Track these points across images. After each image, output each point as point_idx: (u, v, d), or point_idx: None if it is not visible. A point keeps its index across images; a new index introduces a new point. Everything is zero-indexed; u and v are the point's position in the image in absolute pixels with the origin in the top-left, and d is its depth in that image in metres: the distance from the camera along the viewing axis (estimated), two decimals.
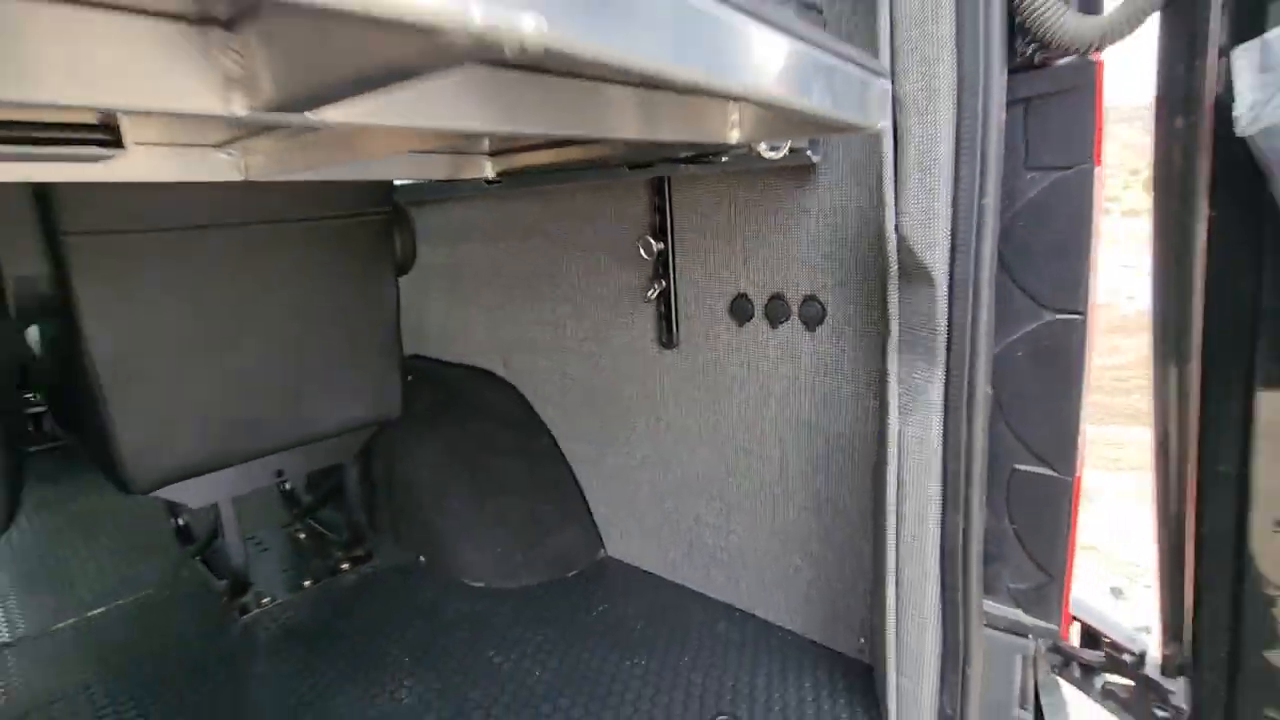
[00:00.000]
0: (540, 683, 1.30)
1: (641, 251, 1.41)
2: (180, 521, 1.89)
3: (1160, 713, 0.96)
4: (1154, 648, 0.99)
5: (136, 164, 0.91)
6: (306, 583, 1.71)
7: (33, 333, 1.66)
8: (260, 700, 1.31)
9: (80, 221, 1.14)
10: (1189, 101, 0.78)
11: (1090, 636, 1.06)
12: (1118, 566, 3.53)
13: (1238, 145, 0.71)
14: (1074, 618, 1.07)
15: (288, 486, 2.08)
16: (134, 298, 1.23)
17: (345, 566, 1.78)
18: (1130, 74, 1.05)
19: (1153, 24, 0.81)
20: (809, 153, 1.11)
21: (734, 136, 0.88)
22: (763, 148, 0.99)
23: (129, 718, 1.26)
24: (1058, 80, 0.88)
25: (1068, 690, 1.10)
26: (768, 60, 0.62)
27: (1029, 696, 1.04)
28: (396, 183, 1.81)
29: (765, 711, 1.20)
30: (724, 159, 1.13)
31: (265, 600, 1.64)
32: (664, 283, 1.43)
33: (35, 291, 1.15)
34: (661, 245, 1.41)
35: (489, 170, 1.41)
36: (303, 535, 1.98)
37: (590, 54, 0.35)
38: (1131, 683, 1.00)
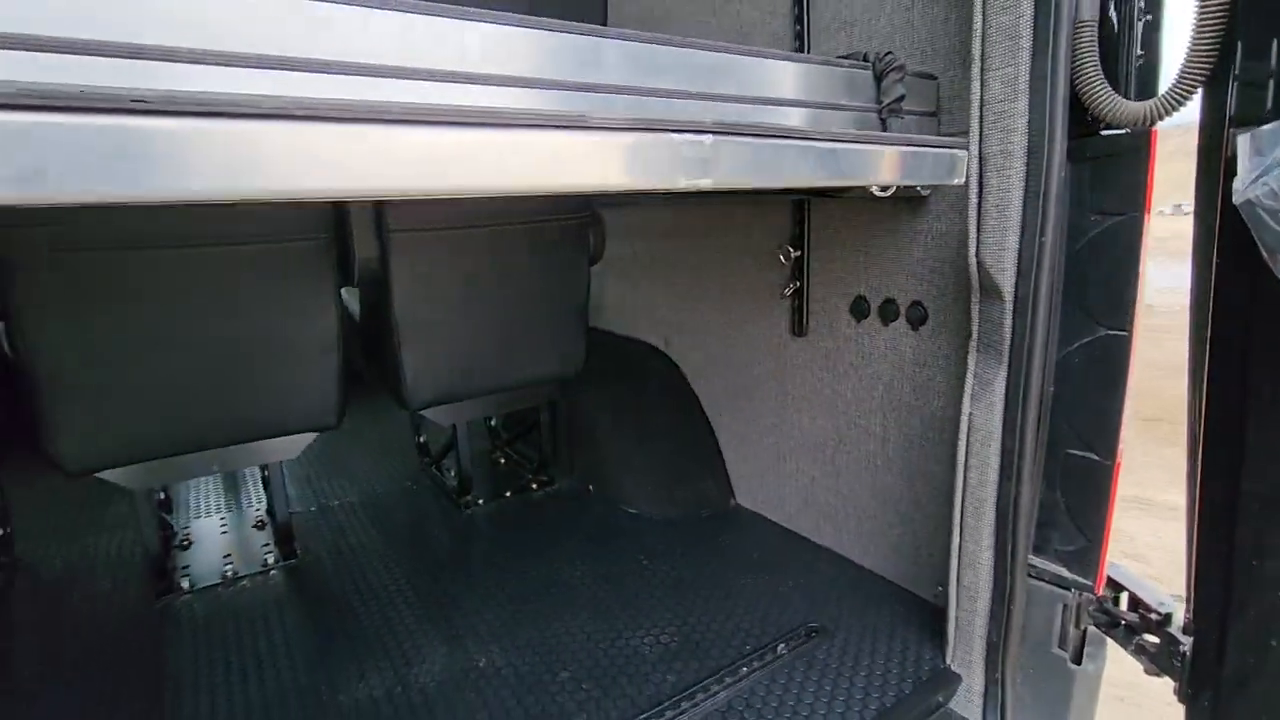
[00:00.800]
0: (677, 580, 1.72)
1: (781, 257, 1.76)
2: (421, 439, 2.55)
3: (1177, 664, 1.17)
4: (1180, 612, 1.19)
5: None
6: (507, 493, 2.27)
7: (344, 293, 2.35)
8: (478, 563, 1.86)
9: (399, 222, 1.71)
10: (1216, 166, 0.99)
11: (1133, 602, 1.28)
12: None
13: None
14: (1120, 585, 1.28)
15: (492, 423, 2.68)
16: (424, 273, 1.79)
17: (534, 486, 2.32)
18: None
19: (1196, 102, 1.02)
20: (919, 188, 1.40)
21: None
22: (875, 189, 1.30)
23: (395, 564, 1.85)
24: (1117, 146, 1.11)
25: (1113, 647, 1.32)
26: (876, 164, 0.97)
27: (1068, 639, 1.28)
28: None
29: (848, 629, 1.52)
30: (845, 194, 1.45)
31: (479, 501, 2.21)
32: (798, 283, 1.76)
33: (370, 268, 1.74)
34: (798, 253, 1.74)
35: None
36: (502, 461, 2.56)
37: (739, 186, 0.74)
38: (1158, 640, 1.20)
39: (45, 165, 0.49)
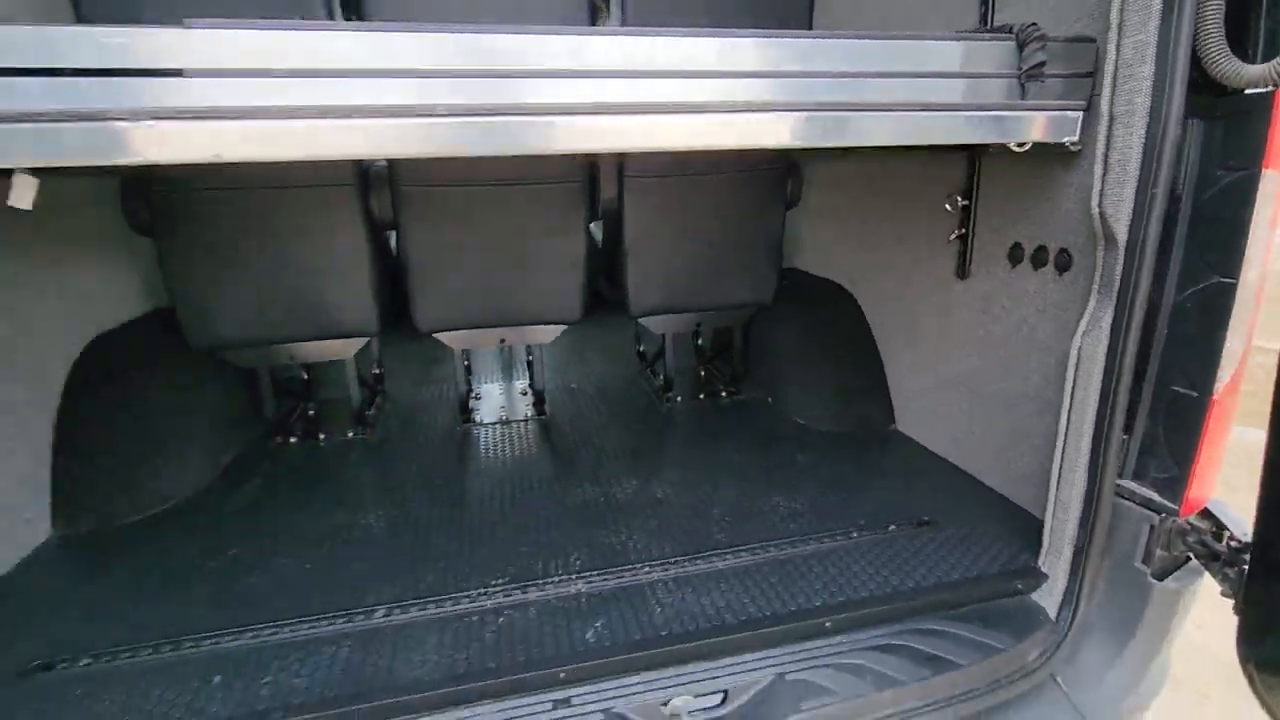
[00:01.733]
0: (821, 474, 2.09)
1: (948, 206, 1.96)
2: (640, 348, 3.17)
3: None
4: None
5: None
6: (701, 396, 2.79)
7: (592, 227, 3.01)
8: (669, 440, 2.41)
9: (633, 169, 2.25)
10: None
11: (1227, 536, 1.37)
12: None
13: None
14: (1219, 521, 1.38)
15: (699, 343, 3.19)
16: (648, 209, 2.33)
17: (723, 394, 2.80)
18: None
19: None
20: (1067, 143, 1.53)
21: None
22: (1012, 145, 1.48)
23: (611, 430, 2.48)
24: (1245, 104, 1.19)
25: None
26: (993, 125, 1.24)
27: (1152, 555, 1.42)
28: None
29: (957, 525, 1.77)
30: (989, 149, 1.63)
31: (678, 399, 2.76)
32: (963, 230, 1.95)
33: (610, 206, 2.32)
34: (966, 202, 1.93)
35: None
36: (702, 373, 3.07)
37: (842, 145, 1.10)
38: (1235, 566, 1.31)
39: (463, 141, 1.07)
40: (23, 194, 1.44)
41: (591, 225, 2.94)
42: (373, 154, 1.07)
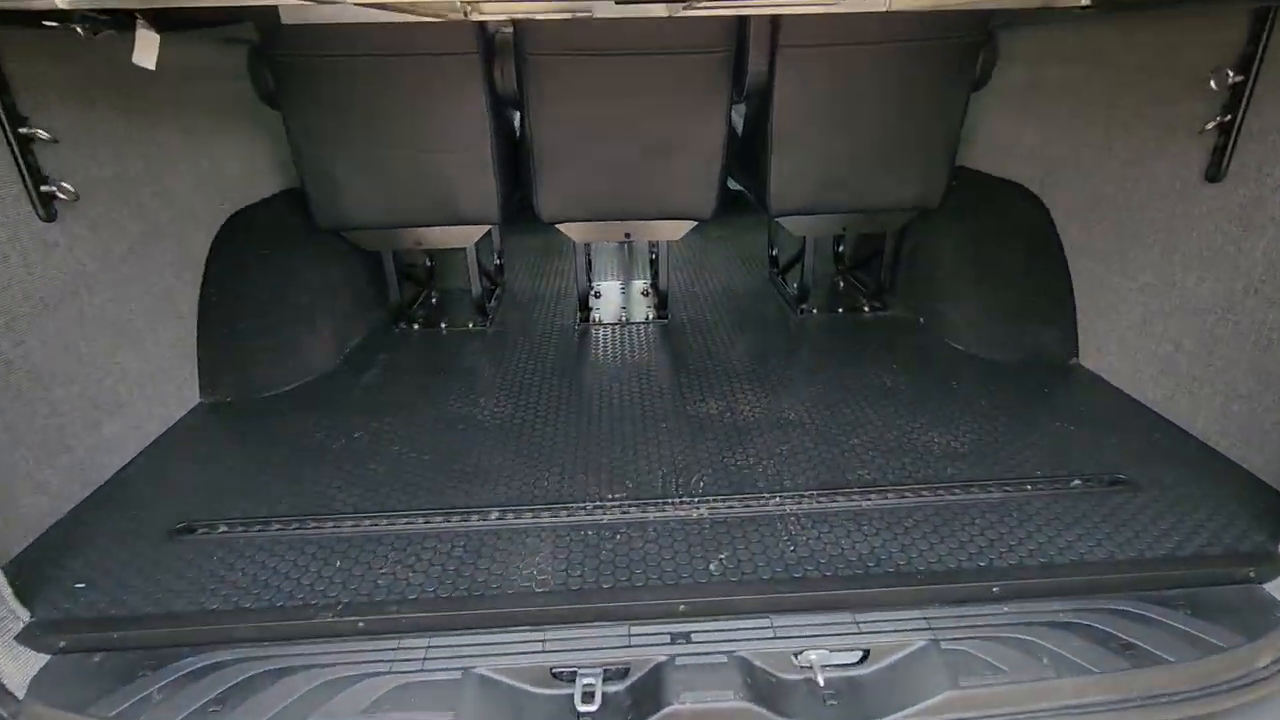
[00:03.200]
0: (985, 408, 1.79)
1: (1212, 83, 1.49)
2: (773, 252, 2.88)
3: None
4: None
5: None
6: (840, 309, 2.50)
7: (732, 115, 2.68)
8: (800, 353, 2.18)
9: (788, 36, 1.90)
10: None
11: None
12: None
13: None
14: None
15: (839, 250, 2.85)
16: (801, 92, 1.99)
17: (866, 309, 2.50)
18: None
19: None
20: None
21: None
22: None
23: (735, 339, 2.27)
24: None
25: None
26: None
27: None
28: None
29: (1161, 489, 1.45)
30: None
31: (814, 310, 2.49)
32: (1230, 115, 1.49)
33: (758, 82, 1.99)
34: (1240, 77, 1.46)
35: None
36: (841, 284, 2.75)
37: None
38: None
39: None
40: (146, 51, 1.36)
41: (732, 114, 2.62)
42: None
